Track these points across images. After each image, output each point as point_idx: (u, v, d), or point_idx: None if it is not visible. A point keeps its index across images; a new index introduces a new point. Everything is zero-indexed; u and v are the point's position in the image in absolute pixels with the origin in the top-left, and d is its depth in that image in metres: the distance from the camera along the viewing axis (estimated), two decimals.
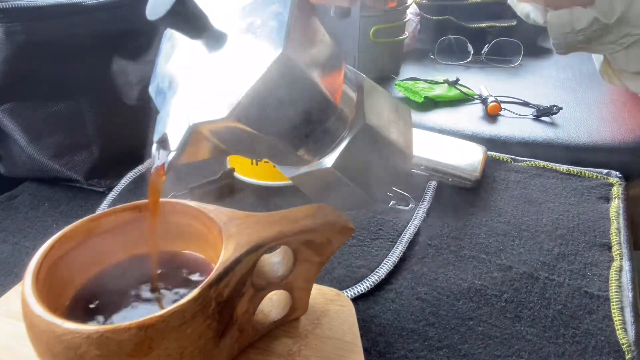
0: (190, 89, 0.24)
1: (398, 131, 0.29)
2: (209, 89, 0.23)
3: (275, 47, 0.21)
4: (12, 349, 0.29)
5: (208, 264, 0.29)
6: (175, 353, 0.23)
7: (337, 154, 0.27)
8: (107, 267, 0.29)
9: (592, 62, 0.97)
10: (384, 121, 0.29)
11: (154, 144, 0.25)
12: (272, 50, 0.21)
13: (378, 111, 0.28)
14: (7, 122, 0.48)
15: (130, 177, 0.52)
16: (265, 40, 0.22)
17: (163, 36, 0.28)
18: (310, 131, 0.25)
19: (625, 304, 0.37)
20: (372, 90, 0.29)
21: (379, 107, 0.29)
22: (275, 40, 0.22)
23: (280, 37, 0.21)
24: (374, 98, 0.29)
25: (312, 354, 0.30)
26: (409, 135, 0.31)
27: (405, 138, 0.30)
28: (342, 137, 0.27)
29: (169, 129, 0.24)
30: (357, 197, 0.30)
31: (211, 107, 0.23)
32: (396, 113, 0.30)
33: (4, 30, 0.43)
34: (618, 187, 0.52)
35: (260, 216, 0.28)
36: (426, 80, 0.83)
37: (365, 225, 0.46)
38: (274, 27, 0.22)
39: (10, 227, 0.46)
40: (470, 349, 0.33)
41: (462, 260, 0.42)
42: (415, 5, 1.10)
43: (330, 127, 0.26)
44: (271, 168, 0.49)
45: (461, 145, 0.57)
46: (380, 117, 0.28)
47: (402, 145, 0.29)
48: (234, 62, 0.23)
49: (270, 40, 0.22)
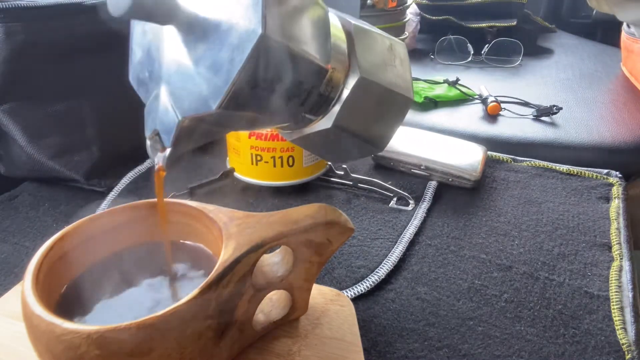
0: (172, 80, 0.24)
1: (395, 74, 0.28)
2: (192, 79, 0.22)
3: (253, 27, 0.20)
4: (12, 349, 0.29)
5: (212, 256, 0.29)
6: (175, 353, 0.23)
7: (336, 111, 0.26)
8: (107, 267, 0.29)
9: (592, 62, 0.97)
10: (379, 67, 0.27)
11: (147, 140, 0.25)
12: (250, 32, 0.20)
13: (372, 58, 0.27)
14: (7, 122, 0.48)
15: (130, 177, 0.52)
16: (241, 19, 0.21)
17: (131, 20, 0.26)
18: (304, 99, 0.25)
19: (625, 304, 0.37)
20: (362, 35, 0.27)
21: (372, 52, 0.27)
22: (252, 20, 0.20)
23: (257, 16, 0.20)
24: (366, 43, 0.27)
25: (312, 354, 0.30)
26: (406, 75, 0.30)
27: (404, 79, 0.29)
28: (339, 93, 0.26)
29: (159, 124, 0.24)
30: (361, 148, 0.29)
31: (198, 99, 0.22)
32: (391, 52, 0.29)
33: (4, 30, 0.43)
34: (618, 187, 0.52)
35: (260, 216, 0.28)
36: (426, 80, 0.83)
37: (365, 225, 0.46)
38: (249, 6, 0.21)
39: (10, 227, 0.46)
40: (470, 349, 0.33)
41: (462, 260, 0.42)
42: (415, 5, 1.10)
43: (325, 89, 0.25)
44: (271, 168, 0.49)
45: (461, 145, 0.57)
46: (374, 63, 0.27)
47: (401, 88, 0.28)
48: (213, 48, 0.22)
49: (247, 19, 0.21)
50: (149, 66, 0.25)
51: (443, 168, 0.52)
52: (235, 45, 0.21)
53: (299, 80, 0.23)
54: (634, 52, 0.83)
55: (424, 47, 1.11)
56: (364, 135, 0.28)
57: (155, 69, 0.24)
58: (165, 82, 0.24)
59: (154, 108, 0.24)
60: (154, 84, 0.25)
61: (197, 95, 0.22)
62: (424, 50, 1.09)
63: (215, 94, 0.21)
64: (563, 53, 1.05)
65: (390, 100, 0.28)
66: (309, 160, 0.50)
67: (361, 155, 0.31)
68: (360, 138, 0.28)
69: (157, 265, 0.29)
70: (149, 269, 0.29)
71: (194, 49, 0.22)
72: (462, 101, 0.78)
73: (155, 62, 0.24)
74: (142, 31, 0.26)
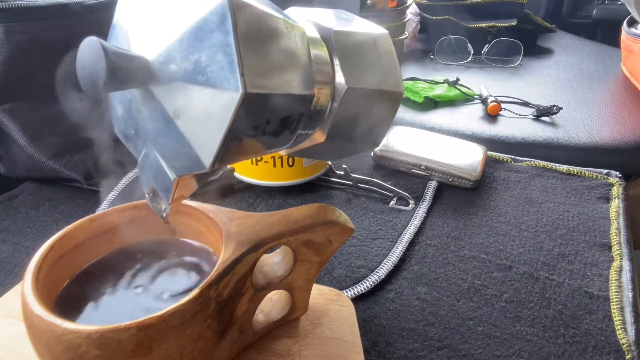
0: (159, 141, 0.23)
1: (382, 71, 0.28)
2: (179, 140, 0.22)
3: (233, 87, 0.19)
4: (12, 349, 0.29)
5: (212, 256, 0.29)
6: (175, 353, 0.23)
7: (329, 124, 0.26)
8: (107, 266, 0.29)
9: (592, 62, 0.97)
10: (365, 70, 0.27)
11: (145, 195, 0.25)
12: (231, 92, 0.20)
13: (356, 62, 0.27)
14: (7, 122, 0.48)
15: (130, 177, 0.52)
16: (219, 78, 0.20)
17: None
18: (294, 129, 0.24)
19: (625, 304, 0.37)
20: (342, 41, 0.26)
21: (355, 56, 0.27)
22: (230, 81, 0.20)
23: (235, 75, 0.19)
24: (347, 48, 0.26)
25: (312, 354, 0.30)
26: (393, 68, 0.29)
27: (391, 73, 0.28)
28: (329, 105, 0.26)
29: (154, 182, 0.24)
30: (357, 148, 0.29)
31: (189, 159, 0.22)
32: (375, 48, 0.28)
33: (4, 30, 0.43)
34: (618, 187, 0.52)
35: (260, 216, 0.28)
36: (426, 80, 0.83)
37: (365, 225, 0.46)
38: (224, 64, 0.20)
39: (10, 227, 0.46)
40: (470, 349, 0.33)
41: (462, 260, 0.42)
42: (415, 5, 1.10)
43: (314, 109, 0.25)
44: (271, 168, 0.49)
45: (461, 145, 0.57)
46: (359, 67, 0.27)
47: (390, 84, 0.28)
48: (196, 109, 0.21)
49: (225, 80, 0.20)
50: (133, 124, 0.24)
51: (443, 168, 0.52)
52: (218, 107, 0.20)
53: (287, 116, 0.23)
54: (634, 52, 0.83)
55: (424, 47, 1.11)
56: (359, 136, 0.28)
57: (140, 128, 0.24)
58: (152, 142, 0.23)
59: (147, 165, 0.24)
60: (142, 143, 0.24)
61: (188, 155, 0.21)
62: (424, 50, 1.09)
63: (207, 154, 0.21)
64: (563, 53, 1.05)
65: (380, 99, 0.28)
66: (309, 160, 0.50)
67: (358, 151, 0.31)
68: (355, 140, 0.28)
69: (157, 265, 0.29)
70: (149, 269, 0.29)
71: (176, 109, 0.21)
72: (462, 101, 0.78)
73: (139, 121, 0.24)
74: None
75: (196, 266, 0.29)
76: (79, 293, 0.27)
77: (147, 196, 0.25)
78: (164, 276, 0.28)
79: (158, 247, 0.30)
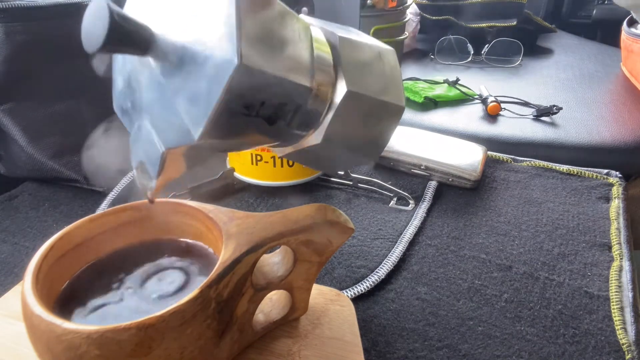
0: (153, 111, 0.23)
1: (385, 83, 0.28)
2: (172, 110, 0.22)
3: (229, 57, 0.20)
4: (12, 349, 0.29)
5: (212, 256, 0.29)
6: (175, 353, 0.23)
7: (326, 126, 0.26)
8: (107, 266, 0.29)
9: (592, 62, 0.97)
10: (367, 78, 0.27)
11: (134, 169, 0.25)
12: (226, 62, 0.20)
13: (359, 69, 0.27)
14: (7, 122, 0.48)
15: (130, 177, 0.52)
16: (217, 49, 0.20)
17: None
18: (290, 119, 0.24)
19: (625, 304, 0.37)
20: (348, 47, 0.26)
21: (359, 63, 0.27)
22: (227, 50, 0.20)
23: (233, 45, 0.20)
24: (352, 55, 0.27)
25: (312, 354, 0.30)
26: (396, 82, 0.29)
27: (394, 87, 0.28)
28: (328, 106, 0.26)
29: (144, 155, 0.24)
30: (354, 159, 0.29)
31: (179, 130, 0.22)
32: (380, 61, 0.28)
33: (4, 30, 0.43)
34: (618, 187, 0.52)
35: (260, 216, 0.28)
36: (426, 80, 0.83)
37: (365, 225, 0.46)
38: (223, 33, 0.20)
39: (10, 227, 0.46)
40: (470, 349, 0.33)
41: (462, 260, 0.42)
42: (415, 5, 1.10)
43: (312, 105, 0.25)
44: (271, 168, 0.49)
45: (461, 145, 0.57)
46: (362, 75, 0.27)
47: (392, 97, 0.28)
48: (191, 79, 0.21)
49: (222, 49, 0.20)
50: (130, 96, 0.25)
51: (443, 168, 0.52)
52: (212, 76, 0.20)
53: (282, 103, 0.23)
54: (634, 52, 0.83)
55: (424, 47, 1.11)
56: (356, 146, 0.28)
57: (136, 99, 0.24)
58: (146, 113, 0.24)
59: (139, 138, 0.24)
60: (137, 115, 0.24)
61: (178, 126, 0.22)
62: (424, 50, 1.09)
63: (196, 125, 0.21)
64: (563, 53, 1.05)
65: (381, 110, 0.28)
66: None
67: (354, 164, 0.30)
68: (352, 149, 0.28)
69: (157, 265, 0.29)
70: (149, 269, 0.29)
71: (172, 79, 0.22)
72: (462, 101, 0.78)
73: (136, 93, 0.24)
74: (123, 61, 0.25)
75: (196, 266, 0.29)
76: (79, 293, 0.27)
77: (134, 171, 0.25)
78: (163, 276, 0.28)
79: (158, 248, 0.30)
